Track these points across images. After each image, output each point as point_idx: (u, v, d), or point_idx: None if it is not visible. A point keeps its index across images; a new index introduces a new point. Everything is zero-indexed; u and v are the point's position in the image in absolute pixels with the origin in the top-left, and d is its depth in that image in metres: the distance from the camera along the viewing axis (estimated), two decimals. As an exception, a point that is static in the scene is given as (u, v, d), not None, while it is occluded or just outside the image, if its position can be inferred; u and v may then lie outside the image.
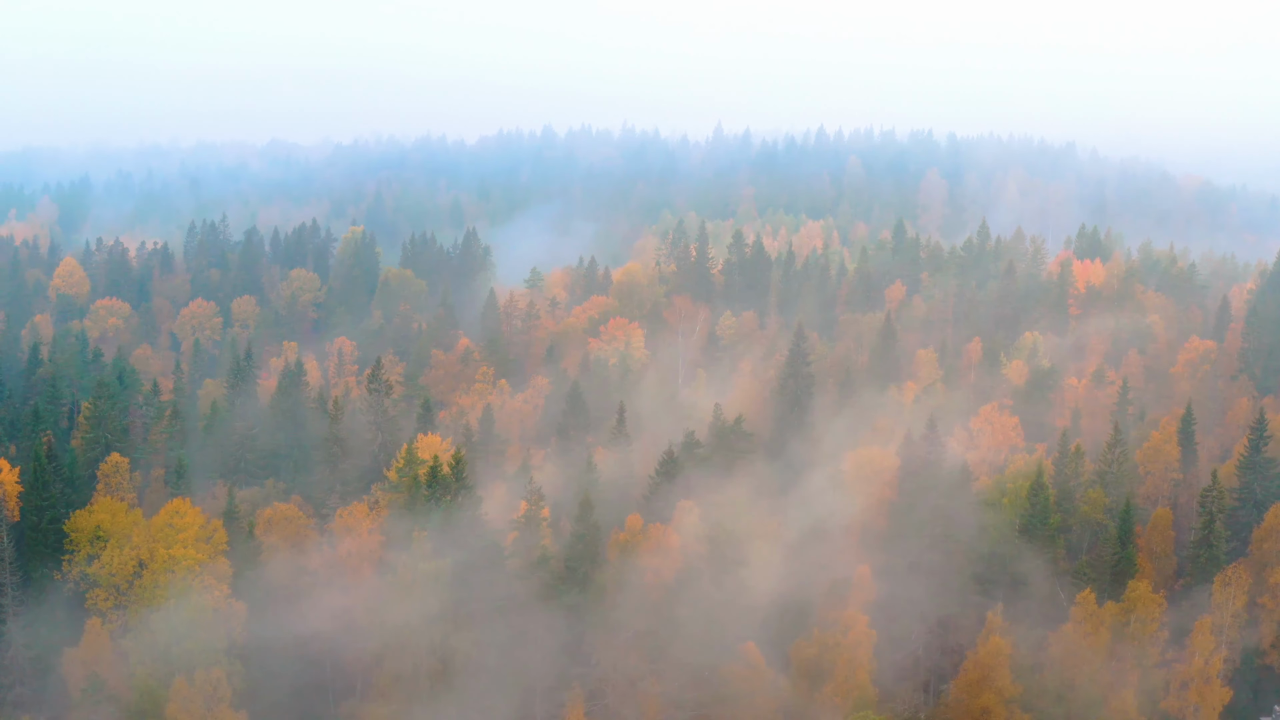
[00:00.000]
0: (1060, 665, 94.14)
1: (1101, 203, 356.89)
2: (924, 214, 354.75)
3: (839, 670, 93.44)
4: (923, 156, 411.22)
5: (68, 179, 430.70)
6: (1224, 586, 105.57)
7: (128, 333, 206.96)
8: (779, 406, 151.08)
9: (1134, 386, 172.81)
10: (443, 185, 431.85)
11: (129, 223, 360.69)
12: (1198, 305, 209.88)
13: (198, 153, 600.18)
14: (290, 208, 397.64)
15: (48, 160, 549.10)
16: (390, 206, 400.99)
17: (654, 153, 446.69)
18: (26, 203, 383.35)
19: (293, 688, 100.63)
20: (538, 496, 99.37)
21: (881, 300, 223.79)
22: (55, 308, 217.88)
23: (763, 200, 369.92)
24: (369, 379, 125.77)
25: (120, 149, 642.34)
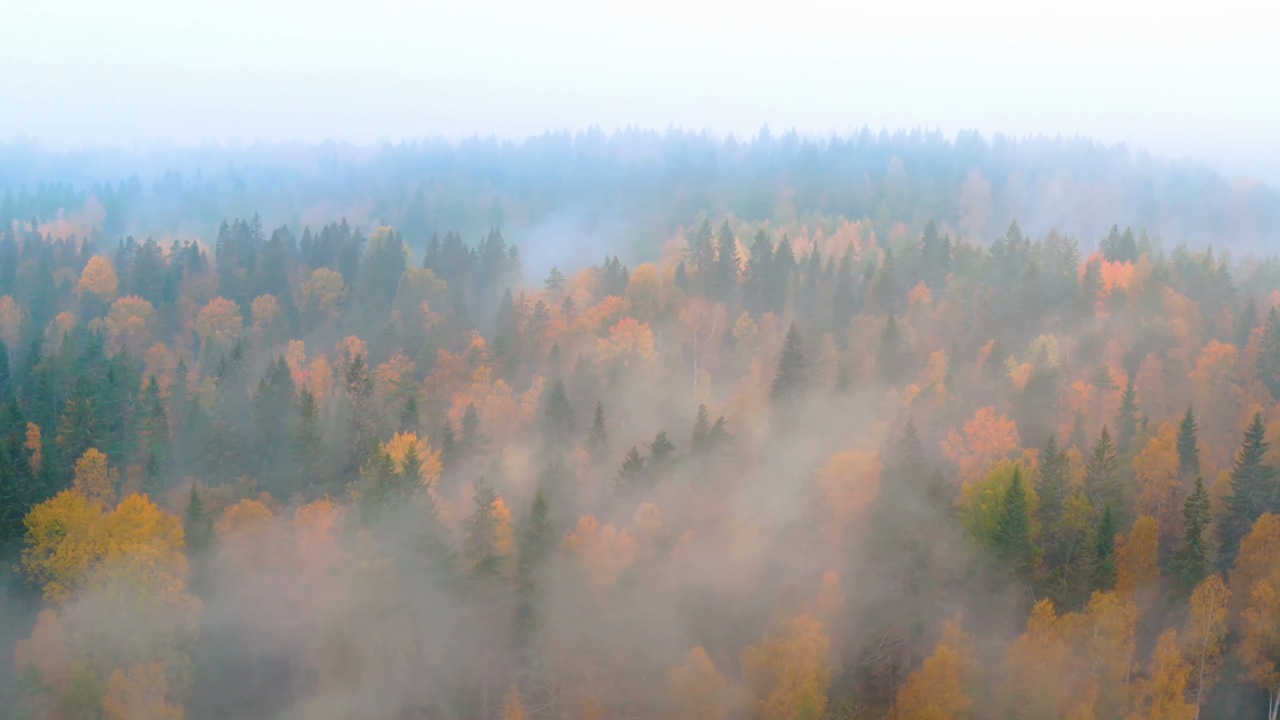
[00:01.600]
0: (1014, 677, 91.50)
1: (1149, 204, 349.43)
2: (965, 215, 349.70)
3: (785, 678, 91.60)
4: (966, 157, 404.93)
5: (118, 179, 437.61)
6: (1202, 599, 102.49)
7: (148, 331, 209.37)
8: (773, 408, 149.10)
9: (1152, 391, 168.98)
10: (486, 185, 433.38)
11: (173, 222, 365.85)
12: (1230, 309, 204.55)
13: (253, 153, 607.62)
14: (333, 208, 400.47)
15: (105, 160, 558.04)
16: (432, 207, 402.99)
17: (696, 153, 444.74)
18: (75, 202, 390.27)
19: (247, 682, 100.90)
20: (488, 496, 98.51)
21: (905, 302, 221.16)
22: (80, 306, 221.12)
23: (802, 201, 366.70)
24: (348, 377, 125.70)
25: (181, 149, 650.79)
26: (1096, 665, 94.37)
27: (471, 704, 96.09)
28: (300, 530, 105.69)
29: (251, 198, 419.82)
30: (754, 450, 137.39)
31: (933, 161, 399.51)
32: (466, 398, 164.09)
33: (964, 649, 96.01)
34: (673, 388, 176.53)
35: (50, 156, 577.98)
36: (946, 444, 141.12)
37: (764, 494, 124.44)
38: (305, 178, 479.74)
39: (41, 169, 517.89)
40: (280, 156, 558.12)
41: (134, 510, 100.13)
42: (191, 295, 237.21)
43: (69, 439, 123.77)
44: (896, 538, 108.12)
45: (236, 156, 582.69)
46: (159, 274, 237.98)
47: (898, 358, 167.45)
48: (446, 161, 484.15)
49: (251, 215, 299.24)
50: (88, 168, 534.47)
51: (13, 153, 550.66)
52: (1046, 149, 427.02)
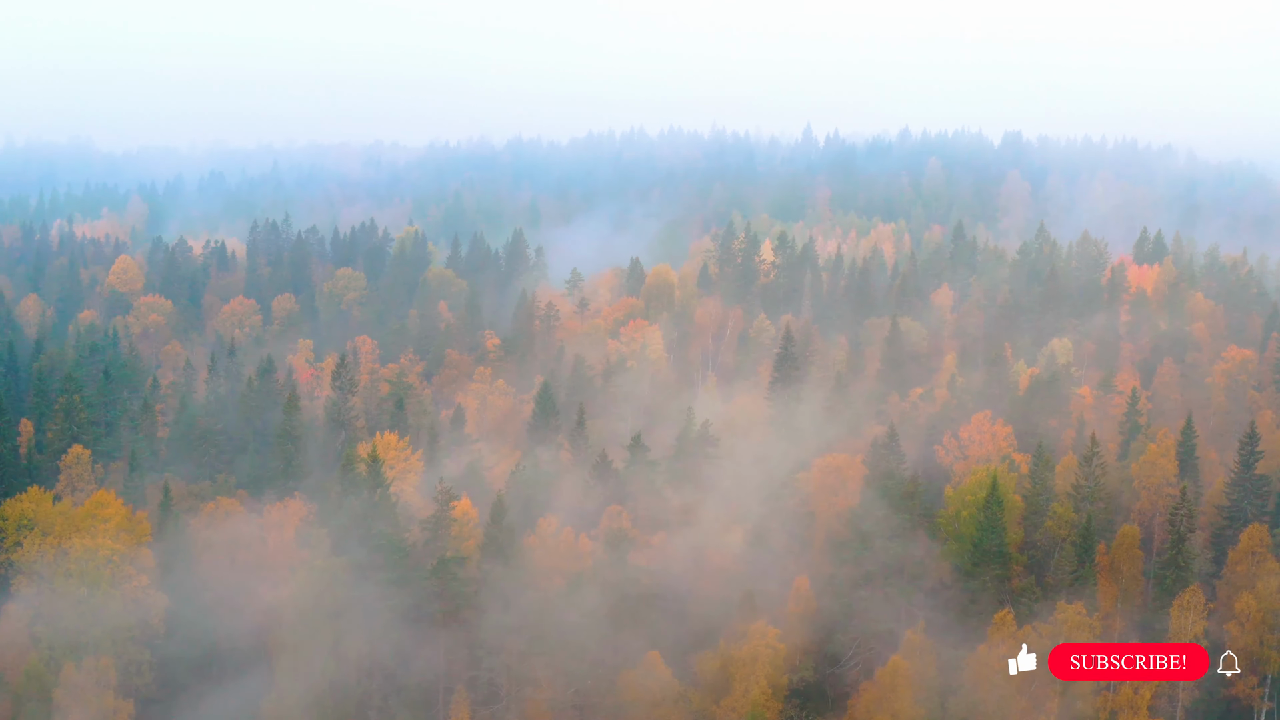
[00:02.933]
0: (970, 688, 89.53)
1: (1192, 206, 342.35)
2: (1005, 217, 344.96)
3: (736, 684, 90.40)
4: (1005, 158, 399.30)
5: (164, 179, 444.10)
6: (1181, 612, 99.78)
7: (168, 329, 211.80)
8: (767, 410, 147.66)
9: (1168, 396, 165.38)
10: (525, 186, 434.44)
11: (213, 221, 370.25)
12: (1259, 314, 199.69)
13: (303, 153, 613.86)
14: (371, 208, 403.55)
15: (158, 160, 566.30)
16: (470, 206, 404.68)
17: (735, 154, 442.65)
18: (119, 201, 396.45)
19: (210, 679, 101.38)
20: (447, 496, 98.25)
21: (927, 304, 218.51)
22: (105, 304, 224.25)
23: (839, 202, 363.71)
24: (332, 376, 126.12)
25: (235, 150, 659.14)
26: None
27: (427, 703, 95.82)
28: (269, 528, 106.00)
29: (292, 197, 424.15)
30: (742, 452, 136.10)
31: (971, 162, 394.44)
32: (467, 398, 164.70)
33: (926, 658, 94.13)
34: (676, 389, 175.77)
35: (104, 156, 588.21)
36: (940, 448, 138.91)
37: (745, 497, 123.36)
38: (349, 178, 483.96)
39: (96, 169, 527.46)
40: (327, 157, 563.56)
41: (100, 506, 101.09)
42: (217, 294, 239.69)
43: (57, 435, 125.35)
44: (868, 543, 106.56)
45: (285, 157, 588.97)
46: (184, 273, 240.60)
47: (901, 360, 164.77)
48: (489, 162, 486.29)
49: (283, 215, 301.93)
50: (140, 168, 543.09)
51: (66, 153, 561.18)
52: (1090, 150, 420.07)
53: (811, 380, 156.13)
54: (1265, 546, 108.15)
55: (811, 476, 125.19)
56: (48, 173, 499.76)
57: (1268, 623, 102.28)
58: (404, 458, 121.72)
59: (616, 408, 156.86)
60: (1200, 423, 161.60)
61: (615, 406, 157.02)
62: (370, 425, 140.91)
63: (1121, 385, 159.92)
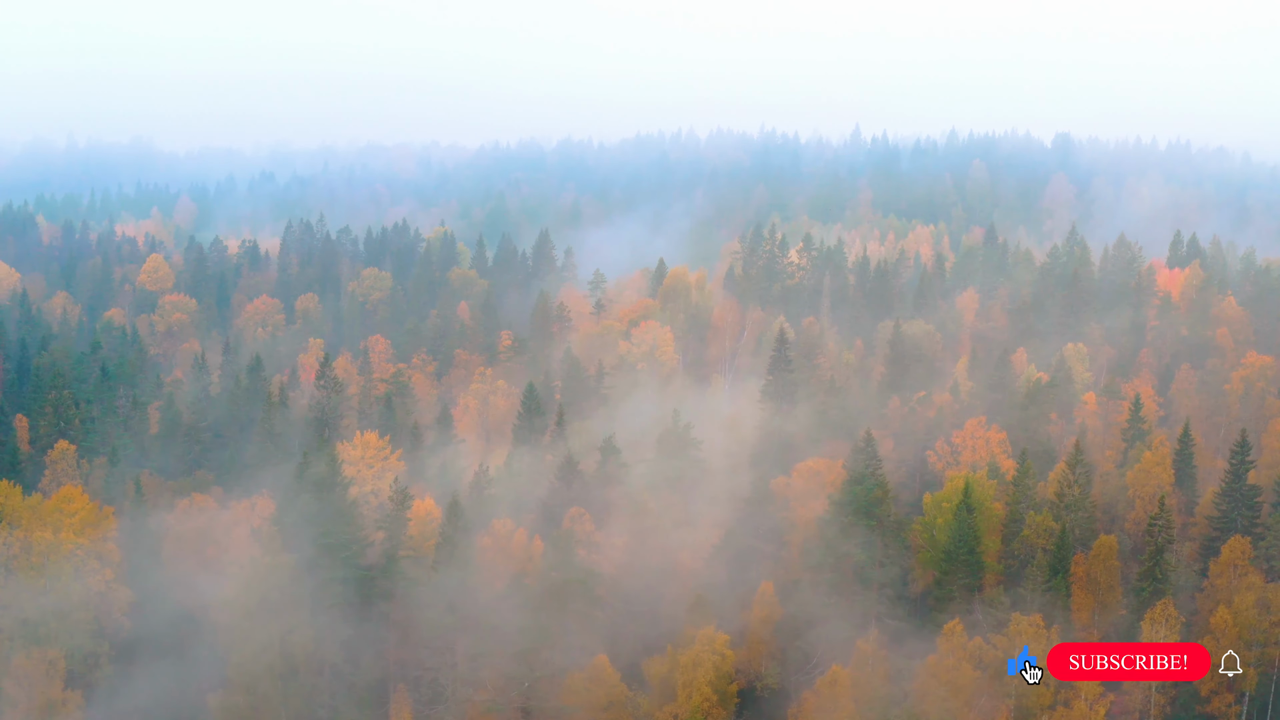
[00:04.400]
0: (914, 700, 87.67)
1: (1244, 209, 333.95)
2: (1049, 219, 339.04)
3: (680, 690, 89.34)
4: (1052, 160, 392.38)
5: (214, 179, 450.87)
6: (1152, 625, 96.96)
7: (192, 327, 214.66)
8: (761, 413, 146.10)
9: (1185, 403, 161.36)
10: (570, 187, 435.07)
11: (260, 221, 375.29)
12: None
13: (361, 154, 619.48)
14: (418, 208, 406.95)
15: (219, 161, 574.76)
16: (514, 207, 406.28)
17: (780, 155, 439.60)
18: (169, 201, 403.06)
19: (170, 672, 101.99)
20: (402, 496, 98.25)
21: (952, 307, 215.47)
22: (133, 302, 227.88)
23: (880, 204, 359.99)
24: (317, 375, 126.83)
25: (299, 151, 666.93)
26: (1013, 691, 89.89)
27: (378, 701, 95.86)
28: (233, 524, 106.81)
29: (340, 198, 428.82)
30: (727, 455, 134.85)
31: (1017, 164, 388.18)
32: (469, 398, 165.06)
33: (877, 667, 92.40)
34: (683, 390, 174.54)
35: (166, 157, 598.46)
36: (932, 453, 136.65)
37: (723, 500, 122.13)
38: (398, 179, 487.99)
39: (156, 169, 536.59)
40: (381, 158, 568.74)
41: (66, 500, 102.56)
42: (247, 293, 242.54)
43: (48, 430, 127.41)
44: (832, 549, 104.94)
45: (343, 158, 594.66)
46: (213, 272, 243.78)
47: (905, 363, 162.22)
48: (537, 163, 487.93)
49: (322, 215, 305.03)
50: (201, 168, 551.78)
51: (127, 153, 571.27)
52: (1141, 151, 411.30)
53: (810, 383, 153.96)
54: (1247, 559, 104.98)
55: (793, 481, 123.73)
56: (108, 173, 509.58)
57: (1244, 638, 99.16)
58: (382, 457, 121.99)
59: (618, 408, 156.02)
60: (1215, 431, 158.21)
61: (616, 407, 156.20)
62: (363, 424, 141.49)
63: (1132, 391, 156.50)
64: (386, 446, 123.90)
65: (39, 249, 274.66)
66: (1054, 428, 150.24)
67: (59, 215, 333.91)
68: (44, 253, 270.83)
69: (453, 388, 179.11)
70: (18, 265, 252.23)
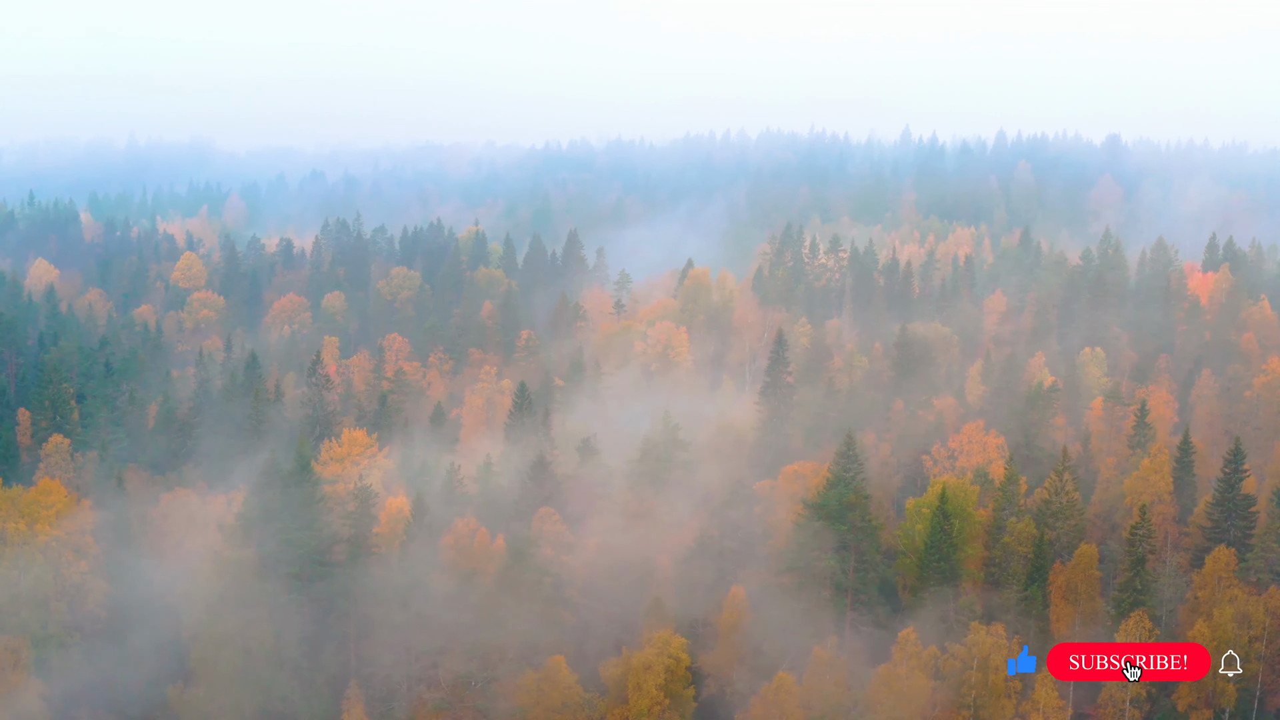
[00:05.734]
0: (865, 708, 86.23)
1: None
2: (1095, 222, 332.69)
3: (631, 693, 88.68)
4: (1100, 161, 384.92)
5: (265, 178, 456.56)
6: (1125, 637, 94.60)
7: (219, 324, 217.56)
8: (761, 415, 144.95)
9: (1206, 409, 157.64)
10: (617, 187, 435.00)
11: (306, 220, 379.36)
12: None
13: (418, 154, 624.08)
14: (463, 207, 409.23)
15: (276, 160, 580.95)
16: (559, 207, 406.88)
17: (826, 156, 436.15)
18: (219, 199, 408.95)
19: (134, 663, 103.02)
20: (366, 494, 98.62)
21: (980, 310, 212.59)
22: (164, 299, 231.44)
23: (924, 205, 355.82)
24: (307, 372, 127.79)
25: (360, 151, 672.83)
26: (970, 702, 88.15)
27: (337, 697, 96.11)
28: (210, 519, 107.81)
29: (388, 197, 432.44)
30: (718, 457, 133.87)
31: (1064, 166, 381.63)
32: (475, 396, 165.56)
33: (837, 675, 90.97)
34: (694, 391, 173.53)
35: (227, 156, 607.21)
36: (928, 458, 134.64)
37: (707, 502, 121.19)
38: (449, 179, 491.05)
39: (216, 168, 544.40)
40: (435, 158, 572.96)
41: (44, 493, 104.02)
42: (279, 291, 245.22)
43: (46, 424, 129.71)
44: (803, 553, 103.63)
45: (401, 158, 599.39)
46: (245, 270, 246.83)
47: (912, 365, 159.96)
48: (585, 163, 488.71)
49: (363, 214, 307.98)
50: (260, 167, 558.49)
51: (187, 152, 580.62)
52: (1192, 153, 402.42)
53: (809, 386, 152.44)
54: (1231, 571, 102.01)
55: (778, 484, 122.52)
56: (168, 172, 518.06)
57: (1222, 653, 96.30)
58: (369, 455, 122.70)
59: (619, 409, 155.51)
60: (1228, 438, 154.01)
61: (618, 407, 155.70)
62: (361, 422, 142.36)
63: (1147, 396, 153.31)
64: (373, 444, 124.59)
65: (80, 246, 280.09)
66: (1061, 433, 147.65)
67: (108, 213, 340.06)
68: (85, 250, 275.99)
69: (465, 386, 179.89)
70: (59, 262, 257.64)
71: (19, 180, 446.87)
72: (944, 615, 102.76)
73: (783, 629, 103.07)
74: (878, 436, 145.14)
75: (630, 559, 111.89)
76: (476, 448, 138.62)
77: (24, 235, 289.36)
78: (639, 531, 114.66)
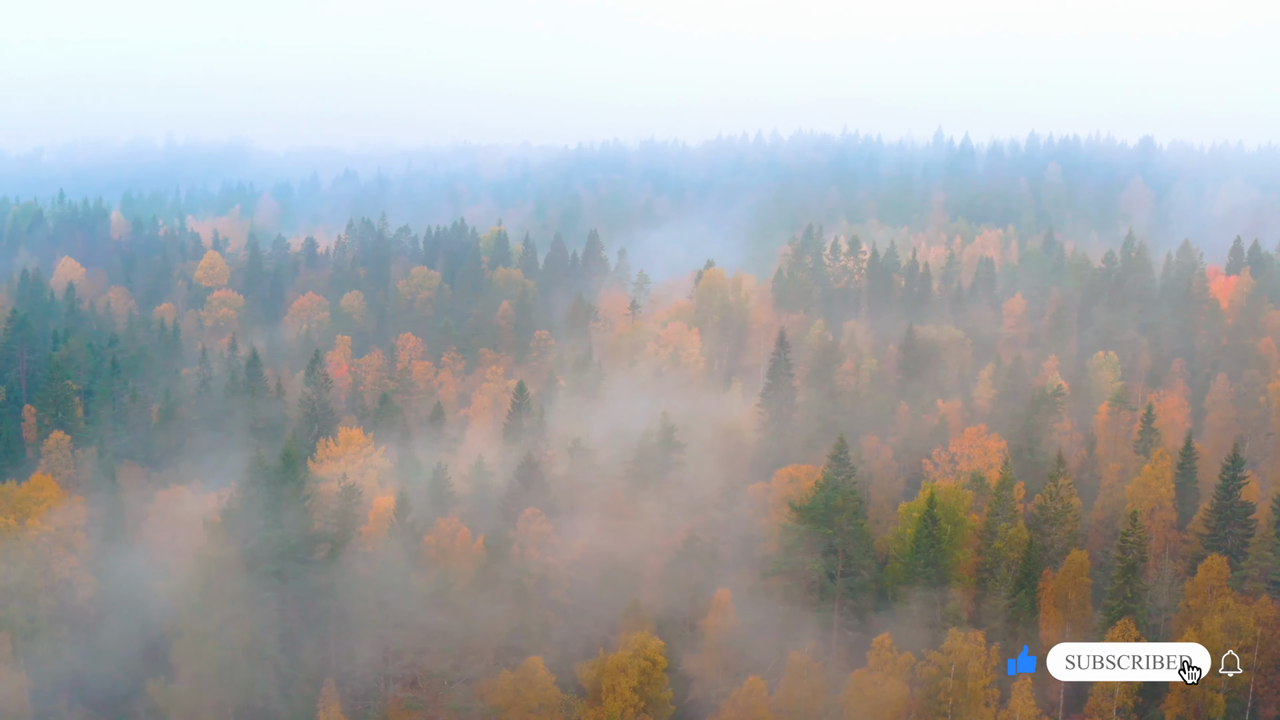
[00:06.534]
0: (842, 714, 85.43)
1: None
2: (1125, 224, 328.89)
3: (603, 694, 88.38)
4: (1132, 163, 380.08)
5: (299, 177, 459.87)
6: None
7: (238, 323, 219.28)
8: (762, 418, 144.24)
9: (1221, 415, 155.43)
10: (647, 188, 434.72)
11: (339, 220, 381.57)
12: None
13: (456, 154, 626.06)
14: (493, 208, 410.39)
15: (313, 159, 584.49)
16: (589, 207, 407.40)
17: (857, 157, 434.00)
18: (252, 199, 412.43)
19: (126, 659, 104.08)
20: (350, 493, 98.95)
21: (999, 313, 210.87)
22: (186, 297, 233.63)
23: (953, 207, 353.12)
24: (306, 371, 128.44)
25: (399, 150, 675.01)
26: (948, 710, 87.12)
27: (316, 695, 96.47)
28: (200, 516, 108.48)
29: (419, 196, 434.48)
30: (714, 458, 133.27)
31: (1095, 168, 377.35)
32: (482, 396, 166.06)
33: (814, 680, 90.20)
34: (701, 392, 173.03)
35: (265, 156, 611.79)
36: (929, 462, 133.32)
37: (699, 504, 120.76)
38: (482, 179, 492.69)
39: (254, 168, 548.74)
40: (468, 158, 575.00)
41: (36, 489, 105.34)
42: (301, 290, 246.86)
43: (49, 421, 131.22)
44: (789, 556, 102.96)
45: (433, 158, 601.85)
46: (267, 269, 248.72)
47: (918, 367, 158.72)
48: (618, 164, 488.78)
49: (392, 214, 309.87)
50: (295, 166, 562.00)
51: (226, 152, 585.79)
52: (1227, 155, 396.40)
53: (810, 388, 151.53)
54: (1223, 580, 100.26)
55: (773, 487, 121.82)
56: (207, 172, 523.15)
57: (1211, 663, 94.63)
58: (365, 453, 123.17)
59: (621, 409, 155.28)
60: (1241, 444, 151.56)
61: (619, 408, 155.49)
62: (364, 421, 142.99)
63: (1158, 401, 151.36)
64: (369, 443, 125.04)
65: (107, 244, 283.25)
66: (1068, 438, 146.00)
67: (140, 212, 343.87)
68: (111, 248, 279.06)
69: (476, 386, 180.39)
70: (86, 260, 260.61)
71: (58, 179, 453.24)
72: (931, 621, 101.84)
73: (768, 633, 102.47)
74: (881, 440, 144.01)
75: (620, 560, 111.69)
76: (478, 447, 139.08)
77: (52, 234, 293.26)
78: (630, 533, 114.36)
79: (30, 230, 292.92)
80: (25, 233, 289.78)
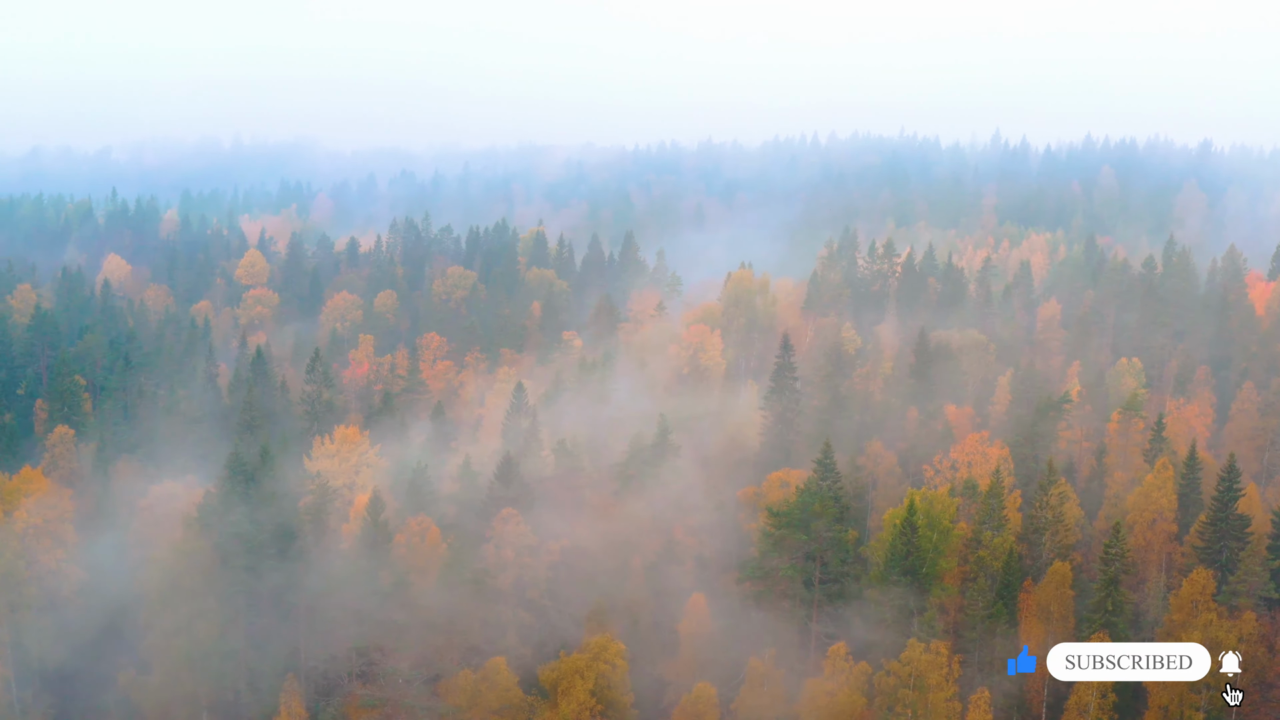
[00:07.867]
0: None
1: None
2: (1178, 229, 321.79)
3: (561, 698, 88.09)
4: (1187, 167, 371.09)
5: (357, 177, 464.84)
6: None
7: (272, 321, 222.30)
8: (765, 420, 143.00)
9: (1245, 424, 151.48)
10: (700, 189, 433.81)
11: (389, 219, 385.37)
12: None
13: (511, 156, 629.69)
14: (546, 209, 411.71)
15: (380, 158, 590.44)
16: (641, 209, 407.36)
17: (911, 159, 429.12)
18: (308, 198, 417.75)
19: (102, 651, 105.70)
20: (325, 489, 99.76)
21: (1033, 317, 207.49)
22: (224, 295, 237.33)
23: (1004, 210, 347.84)
24: (306, 370, 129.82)
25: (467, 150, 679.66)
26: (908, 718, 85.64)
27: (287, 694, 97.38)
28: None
29: (473, 197, 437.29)
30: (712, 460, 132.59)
31: (1150, 171, 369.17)
32: (493, 395, 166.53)
33: (773, 688, 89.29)
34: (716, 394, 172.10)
35: (330, 155, 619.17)
36: (929, 468, 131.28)
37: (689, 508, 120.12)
38: (537, 180, 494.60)
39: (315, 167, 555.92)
40: (528, 159, 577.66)
41: (26, 481, 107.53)
42: (338, 289, 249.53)
43: (57, 416, 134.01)
44: (765, 563, 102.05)
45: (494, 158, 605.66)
46: (305, 268, 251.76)
47: (929, 372, 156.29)
48: (673, 165, 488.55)
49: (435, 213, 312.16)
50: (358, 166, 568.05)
51: (290, 151, 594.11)
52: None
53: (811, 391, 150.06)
54: (1209, 594, 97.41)
55: (763, 491, 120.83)
56: (270, 171, 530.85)
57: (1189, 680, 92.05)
58: (359, 452, 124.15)
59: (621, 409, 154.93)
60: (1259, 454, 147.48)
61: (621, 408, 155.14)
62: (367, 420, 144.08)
63: (1177, 410, 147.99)
64: (365, 441, 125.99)
65: (155, 242, 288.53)
66: (1080, 446, 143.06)
67: (197, 210, 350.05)
68: (158, 246, 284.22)
69: (493, 385, 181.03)
70: (134, 258, 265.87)
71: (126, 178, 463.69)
72: (908, 630, 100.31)
73: (744, 638, 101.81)
74: (888, 445, 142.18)
75: (603, 562, 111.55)
76: (478, 447, 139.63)
77: (102, 231, 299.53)
78: (615, 534, 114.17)
79: (80, 227, 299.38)
80: (76, 229, 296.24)
